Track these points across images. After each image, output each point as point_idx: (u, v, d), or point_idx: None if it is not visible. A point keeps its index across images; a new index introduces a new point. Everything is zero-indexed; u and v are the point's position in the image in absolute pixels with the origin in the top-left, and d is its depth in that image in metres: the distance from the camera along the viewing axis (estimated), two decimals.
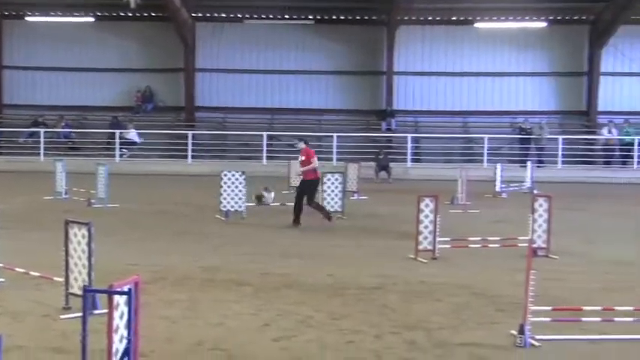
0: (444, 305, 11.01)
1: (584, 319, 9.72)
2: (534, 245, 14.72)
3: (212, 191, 21.59)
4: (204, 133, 38.71)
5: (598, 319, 9.69)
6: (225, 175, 20.38)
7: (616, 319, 9.70)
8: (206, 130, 39.25)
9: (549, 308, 9.64)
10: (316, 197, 19.46)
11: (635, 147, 34.71)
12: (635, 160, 34.80)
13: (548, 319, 9.46)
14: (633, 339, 9.45)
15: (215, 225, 19.17)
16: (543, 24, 38.79)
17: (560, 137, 35.54)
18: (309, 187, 18.90)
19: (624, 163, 35.59)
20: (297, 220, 18.85)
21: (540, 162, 35.01)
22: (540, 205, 15.13)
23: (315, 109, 40.32)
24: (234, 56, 40.59)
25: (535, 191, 23.97)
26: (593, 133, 37.85)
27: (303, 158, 18.75)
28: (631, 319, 9.72)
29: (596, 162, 36.39)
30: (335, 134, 36.02)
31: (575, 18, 38.82)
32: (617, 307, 9.87)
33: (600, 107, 38.85)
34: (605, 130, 36.16)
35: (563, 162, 35.21)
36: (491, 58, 39.68)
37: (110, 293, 6.09)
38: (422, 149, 37.93)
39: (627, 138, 35.27)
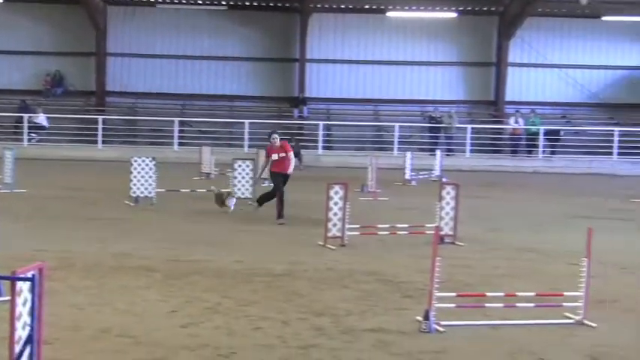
0: (352, 292, 11.15)
1: (487, 304, 9.96)
2: (441, 232, 15.00)
3: (122, 177, 21.38)
4: (114, 118, 38.25)
5: (501, 304, 9.95)
6: (136, 161, 20.23)
7: (518, 304, 9.96)
8: (117, 115, 38.79)
9: (454, 294, 9.85)
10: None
11: (541, 137, 35.46)
12: (541, 149, 35.57)
13: (452, 305, 9.67)
14: (534, 324, 9.72)
15: (125, 211, 19.01)
16: (453, 14, 39.30)
17: (469, 126, 36.12)
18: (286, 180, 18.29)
19: (530, 152, 36.35)
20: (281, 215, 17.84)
21: (449, 150, 35.52)
22: (448, 193, 15.40)
23: (228, 96, 40.18)
24: (147, 41, 40.17)
25: (444, 179, 24.34)
26: (501, 122, 38.56)
27: (284, 155, 18.07)
28: (532, 304, 10.00)
29: (504, 151, 37.10)
30: (247, 121, 35.95)
31: (484, 9, 39.45)
32: (519, 293, 10.14)
33: (508, 97, 39.59)
34: (512, 120, 36.86)
35: (472, 150, 35.79)
36: (403, 47, 40.06)
37: (13, 280, 6.03)
38: (333, 137, 38.13)
39: (533, 128, 36.01)
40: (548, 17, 39.63)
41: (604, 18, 39.08)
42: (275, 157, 18.07)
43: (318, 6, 38.92)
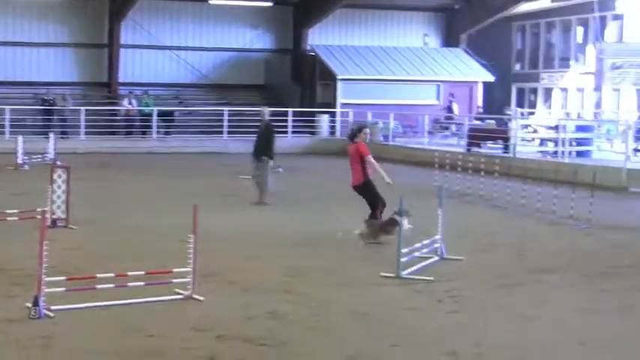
0: None
1: (99, 286, 10.08)
2: (53, 216, 14.89)
3: None
4: None
5: (112, 285, 10.10)
6: None
7: (129, 284, 10.19)
8: None
9: (64, 278, 9.87)
10: None
11: (154, 118, 35.90)
12: (155, 130, 36.02)
13: (63, 289, 9.70)
14: (145, 302, 10.02)
15: None
16: None
17: (83, 108, 35.68)
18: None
19: (144, 133, 36.66)
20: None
21: (64, 133, 34.90)
22: (59, 176, 15.30)
23: None
24: None
25: (57, 162, 23.99)
26: (115, 104, 38.52)
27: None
28: (143, 282, 10.28)
29: (119, 132, 37.08)
30: None
31: None
32: (129, 273, 10.36)
33: (121, 79, 39.55)
34: (125, 101, 36.96)
35: (86, 133, 35.39)
36: (12, 28, 38.66)
37: None
38: None
39: (146, 109, 36.38)
40: (159, 0, 40.18)
41: (212, 2, 40.25)
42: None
43: None
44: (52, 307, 9.33)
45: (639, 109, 34.84)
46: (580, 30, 41.12)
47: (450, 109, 37.78)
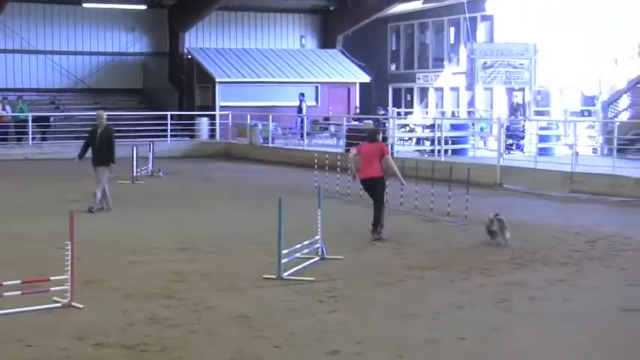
0: None
1: None
2: None
3: None
4: None
5: None
6: None
7: (5, 293, 9.96)
8: None
9: None
10: None
11: (30, 123, 35.10)
12: (30, 136, 35.20)
13: None
14: (22, 311, 9.82)
15: None
16: None
17: None
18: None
19: (20, 139, 35.81)
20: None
21: None
22: None
23: None
24: None
25: None
26: None
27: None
28: (19, 292, 10.06)
29: None
30: None
31: None
32: (5, 282, 10.12)
33: None
34: None
35: None
36: None
37: None
38: None
39: (21, 115, 35.53)
40: (30, 3, 39.29)
41: (85, 5, 39.60)
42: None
43: None
44: None
45: (509, 108, 35.78)
46: (452, 31, 42.07)
47: (299, 110, 37.62)
